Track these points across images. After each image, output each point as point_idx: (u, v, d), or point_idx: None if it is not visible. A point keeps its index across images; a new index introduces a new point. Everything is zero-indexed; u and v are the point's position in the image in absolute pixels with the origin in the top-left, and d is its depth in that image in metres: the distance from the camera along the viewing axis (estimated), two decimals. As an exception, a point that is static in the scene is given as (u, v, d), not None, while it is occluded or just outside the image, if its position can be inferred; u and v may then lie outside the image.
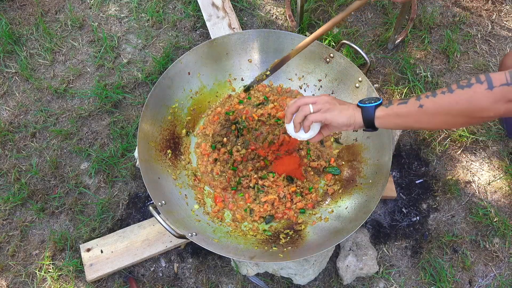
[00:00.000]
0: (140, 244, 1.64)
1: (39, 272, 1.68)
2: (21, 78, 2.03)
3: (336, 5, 2.17)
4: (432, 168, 1.86)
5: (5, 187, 1.82)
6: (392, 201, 1.80)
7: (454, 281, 1.68)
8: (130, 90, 2.01)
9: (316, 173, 1.63)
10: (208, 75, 1.71)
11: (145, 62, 2.07)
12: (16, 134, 1.91)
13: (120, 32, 2.14)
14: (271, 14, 2.20)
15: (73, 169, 1.85)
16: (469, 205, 1.80)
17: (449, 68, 2.05)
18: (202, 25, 2.14)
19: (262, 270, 1.62)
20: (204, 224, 1.51)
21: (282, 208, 1.55)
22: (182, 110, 1.67)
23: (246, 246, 1.44)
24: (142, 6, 2.20)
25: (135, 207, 1.80)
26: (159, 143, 1.59)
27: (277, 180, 1.59)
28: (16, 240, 1.73)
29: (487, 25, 2.14)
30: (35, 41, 2.11)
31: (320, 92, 1.73)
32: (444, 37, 2.11)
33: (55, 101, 1.99)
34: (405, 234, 1.76)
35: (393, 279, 1.69)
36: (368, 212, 1.38)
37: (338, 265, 1.65)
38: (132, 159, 1.86)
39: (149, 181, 1.44)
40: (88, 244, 1.65)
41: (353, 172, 1.60)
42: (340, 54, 1.62)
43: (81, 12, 2.19)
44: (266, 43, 1.70)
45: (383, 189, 1.41)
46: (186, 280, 1.68)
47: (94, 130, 1.93)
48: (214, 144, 1.64)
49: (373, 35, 2.14)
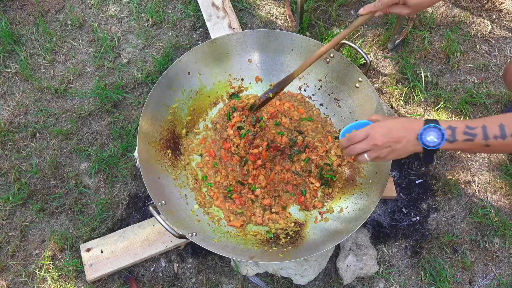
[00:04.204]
0: (140, 244, 1.64)
1: (39, 272, 1.68)
2: (21, 78, 2.03)
3: (336, 5, 2.17)
4: (432, 168, 1.86)
5: (5, 187, 1.82)
6: (392, 201, 1.80)
7: (454, 281, 1.68)
8: (130, 90, 2.01)
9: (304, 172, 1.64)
10: (208, 75, 1.71)
11: (145, 62, 2.07)
12: (16, 134, 1.91)
13: (120, 32, 2.14)
14: (271, 14, 2.20)
15: (73, 169, 1.85)
16: (469, 205, 1.80)
17: (449, 68, 2.05)
18: (202, 25, 2.14)
19: (262, 270, 1.62)
20: (204, 224, 1.51)
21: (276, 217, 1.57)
22: (182, 110, 1.67)
23: (246, 246, 1.44)
24: (142, 6, 2.20)
25: (135, 207, 1.80)
26: (159, 143, 1.59)
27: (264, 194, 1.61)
28: (16, 240, 1.73)
29: (487, 25, 2.14)
30: (35, 41, 2.11)
31: (320, 92, 1.73)
32: (444, 37, 2.11)
33: (55, 101, 1.99)
34: (405, 234, 1.76)
35: (393, 279, 1.69)
36: (368, 212, 1.38)
37: (338, 265, 1.65)
38: (132, 159, 1.86)
39: (149, 181, 1.44)
40: (88, 244, 1.65)
41: (353, 172, 1.60)
42: (340, 54, 1.62)
43: (81, 12, 2.19)
44: (266, 43, 1.69)
45: (383, 189, 1.41)
46: (186, 280, 1.68)
47: (94, 130, 1.93)
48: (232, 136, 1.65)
49: (373, 35, 2.14)
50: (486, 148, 1.02)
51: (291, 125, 1.68)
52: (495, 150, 1.03)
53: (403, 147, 1.07)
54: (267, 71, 1.75)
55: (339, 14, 2.17)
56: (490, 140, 1.00)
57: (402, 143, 1.07)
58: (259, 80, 1.76)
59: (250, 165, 1.61)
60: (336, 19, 2.15)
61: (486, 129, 1.01)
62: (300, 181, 1.62)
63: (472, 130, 1.01)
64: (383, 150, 1.08)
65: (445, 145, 1.04)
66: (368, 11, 1.34)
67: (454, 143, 1.04)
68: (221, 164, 1.64)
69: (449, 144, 1.04)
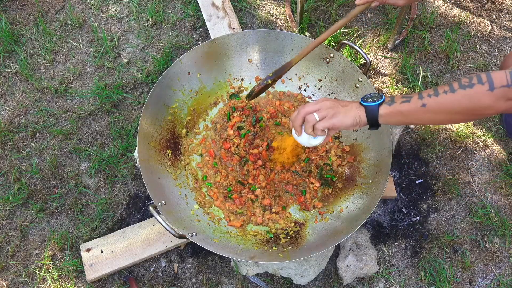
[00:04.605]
0: (140, 244, 1.64)
1: (39, 272, 1.68)
2: (21, 78, 2.03)
3: (336, 5, 2.17)
4: (432, 168, 1.86)
5: (5, 187, 1.82)
6: (392, 201, 1.80)
7: (454, 281, 1.68)
8: (130, 90, 2.01)
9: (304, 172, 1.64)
10: (208, 75, 1.71)
11: (145, 62, 2.07)
12: (16, 134, 1.91)
13: (120, 32, 2.14)
14: (271, 14, 2.20)
15: (73, 169, 1.85)
16: (469, 205, 1.80)
17: (449, 68, 2.05)
18: (202, 25, 2.14)
19: (262, 270, 1.62)
20: (204, 224, 1.51)
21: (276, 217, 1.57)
22: (182, 110, 1.67)
23: (246, 246, 1.44)
24: (142, 6, 2.20)
25: (135, 207, 1.80)
26: (159, 143, 1.59)
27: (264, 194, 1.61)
28: (16, 240, 1.73)
29: (487, 25, 2.14)
30: (35, 41, 2.11)
31: (320, 92, 1.73)
32: (444, 37, 2.11)
33: (55, 101, 1.99)
34: (405, 234, 1.76)
35: (393, 279, 1.69)
36: (368, 212, 1.38)
37: (338, 265, 1.65)
38: (132, 159, 1.86)
39: (149, 181, 1.44)
40: (88, 244, 1.65)
41: (353, 172, 1.60)
42: (340, 54, 1.62)
43: (81, 12, 2.19)
44: (266, 43, 1.69)
45: (383, 189, 1.41)
46: (186, 280, 1.68)
47: (94, 130, 1.93)
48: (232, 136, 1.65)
49: (373, 35, 2.14)
50: (424, 109, 1.07)
51: (291, 125, 1.68)
52: (433, 111, 1.07)
53: (349, 109, 1.17)
54: (267, 71, 1.75)
55: (339, 14, 2.17)
56: (425, 98, 1.07)
57: (347, 106, 1.18)
58: (259, 80, 1.76)
59: (250, 165, 1.61)
60: (336, 19, 2.15)
61: (421, 92, 1.09)
62: (300, 181, 1.62)
63: (409, 94, 1.11)
64: (330, 109, 1.17)
65: (384, 108, 1.12)
66: (365, 1, 1.35)
67: (393, 106, 1.12)
68: (221, 164, 1.64)
69: (388, 107, 1.12)
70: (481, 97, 1.00)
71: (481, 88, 1.00)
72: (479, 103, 1.01)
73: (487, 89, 0.99)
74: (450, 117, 1.08)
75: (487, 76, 1.00)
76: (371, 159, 1.56)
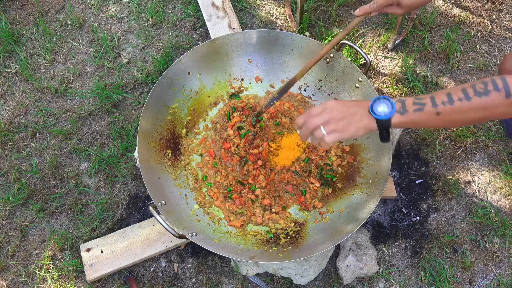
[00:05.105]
0: (140, 244, 1.64)
1: (39, 272, 1.68)
2: (21, 78, 2.03)
3: (336, 5, 2.17)
4: (432, 168, 1.86)
5: (5, 187, 1.82)
6: (392, 201, 1.80)
7: (454, 281, 1.68)
8: (130, 90, 2.01)
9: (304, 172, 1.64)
10: (208, 75, 1.71)
11: (145, 62, 2.07)
12: (16, 134, 1.91)
13: (120, 32, 2.14)
14: (271, 14, 2.20)
15: (73, 169, 1.85)
16: (469, 205, 1.80)
17: (449, 68, 2.05)
18: (202, 25, 2.14)
19: (262, 270, 1.62)
20: (204, 224, 1.51)
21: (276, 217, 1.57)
22: (182, 110, 1.67)
23: (246, 246, 1.44)
24: (142, 6, 2.20)
25: (135, 207, 1.80)
26: (159, 143, 1.59)
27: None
28: (16, 240, 1.74)
29: (487, 25, 2.14)
30: (35, 41, 2.11)
31: (320, 92, 1.73)
32: (444, 37, 2.11)
33: (55, 101, 1.99)
34: (405, 234, 1.76)
35: (393, 279, 1.69)
36: (368, 212, 1.38)
37: (338, 265, 1.65)
38: (132, 159, 1.86)
39: (149, 181, 1.44)
40: (88, 244, 1.65)
41: (353, 172, 1.60)
42: (340, 54, 1.62)
43: (81, 12, 2.19)
44: (266, 43, 1.69)
45: (383, 189, 1.41)
46: (186, 280, 1.68)
47: (94, 130, 1.93)
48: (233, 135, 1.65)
49: (373, 35, 2.14)
50: (438, 118, 1.03)
51: (291, 125, 1.68)
52: (448, 120, 1.03)
53: (359, 119, 1.08)
54: (267, 71, 1.76)
55: (339, 14, 2.17)
56: (439, 107, 1.02)
57: (357, 115, 1.08)
58: (259, 80, 1.76)
59: (250, 165, 1.61)
60: (336, 19, 2.15)
61: (434, 98, 1.03)
62: (300, 181, 1.62)
63: (421, 100, 1.04)
64: (339, 123, 1.09)
65: (397, 117, 1.05)
66: (364, 12, 1.36)
67: (406, 115, 1.05)
68: (221, 164, 1.64)
69: (401, 117, 1.05)
70: (498, 105, 0.98)
71: (497, 96, 0.97)
72: (495, 111, 0.99)
73: (504, 97, 0.97)
74: (463, 123, 1.06)
75: (503, 82, 0.97)
76: (371, 159, 1.56)
